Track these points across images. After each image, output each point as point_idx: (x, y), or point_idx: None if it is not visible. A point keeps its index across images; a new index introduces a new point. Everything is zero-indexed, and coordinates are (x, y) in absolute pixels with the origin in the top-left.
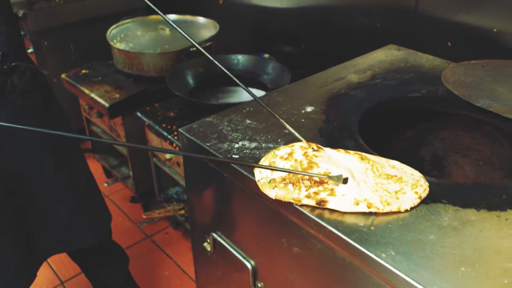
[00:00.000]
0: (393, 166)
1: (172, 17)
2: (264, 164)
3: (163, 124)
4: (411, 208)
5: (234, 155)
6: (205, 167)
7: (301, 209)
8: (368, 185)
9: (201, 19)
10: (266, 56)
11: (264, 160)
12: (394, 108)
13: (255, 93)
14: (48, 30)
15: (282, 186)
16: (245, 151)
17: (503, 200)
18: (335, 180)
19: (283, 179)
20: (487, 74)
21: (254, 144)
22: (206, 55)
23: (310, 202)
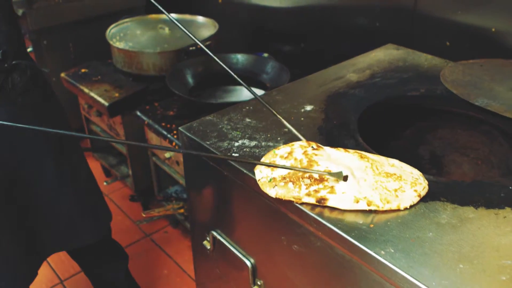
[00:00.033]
0: (392, 164)
1: (171, 16)
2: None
3: (163, 123)
4: (411, 206)
5: (234, 154)
6: (205, 166)
7: (301, 207)
8: (367, 183)
9: (200, 19)
10: (265, 55)
11: (264, 159)
12: (393, 107)
13: (255, 92)
14: (48, 29)
15: (283, 185)
16: (245, 149)
17: (501, 198)
18: (335, 177)
19: (283, 178)
20: (485, 73)
21: (254, 142)
22: (210, 54)
23: (310, 200)
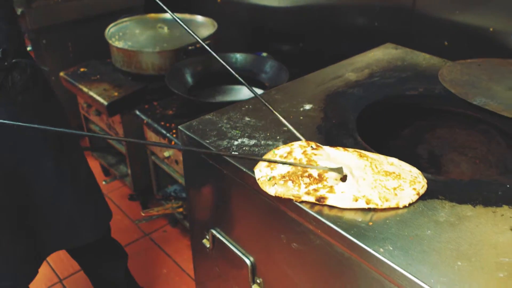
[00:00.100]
0: (391, 163)
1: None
2: (264, 163)
3: (162, 122)
4: (409, 204)
5: (233, 152)
6: (204, 164)
7: (300, 205)
8: (366, 182)
9: (199, 18)
10: (264, 54)
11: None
12: (392, 106)
13: (254, 90)
14: (46, 28)
15: (282, 183)
16: (244, 148)
17: (499, 196)
18: (335, 172)
19: (282, 177)
20: (483, 72)
21: (254, 141)
22: (211, 52)
23: (310, 198)
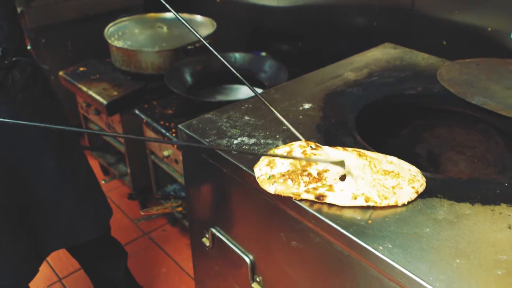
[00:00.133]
0: (390, 161)
1: (169, 15)
2: (264, 162)
3: (161, 122)
4: (408, 203)
5: (233, 152)
6: (204, 163)
7: (300, 203)
8: (366, 181)
9: (198, 18)
10: (263, 54)
11: (263, 159)
12: (390, 105)
13: (254, 89)
14: (46, 27)
15: (282, 182)
16: (244, 147)
17: (497, 195)
18: (337, 165)
19: (282, 175)
20: (481, 72)
21: (253, 140)
22: (212, 50)
23: (309, 196)
